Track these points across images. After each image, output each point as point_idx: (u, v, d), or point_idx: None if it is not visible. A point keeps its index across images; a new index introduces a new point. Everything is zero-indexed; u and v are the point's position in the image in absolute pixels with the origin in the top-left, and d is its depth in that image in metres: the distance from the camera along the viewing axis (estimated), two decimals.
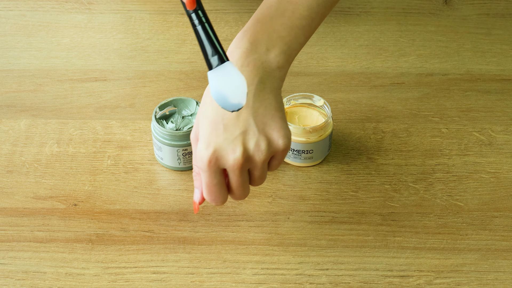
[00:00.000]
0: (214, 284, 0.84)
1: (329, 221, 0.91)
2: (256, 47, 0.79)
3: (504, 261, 0.87)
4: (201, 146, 0.78)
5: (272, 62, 0.79)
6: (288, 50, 0.80)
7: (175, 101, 0.97)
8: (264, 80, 0.78)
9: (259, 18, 0.80)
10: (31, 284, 0.84)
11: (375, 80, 1.09)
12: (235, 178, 0.79)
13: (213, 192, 0.80)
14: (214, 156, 0.78)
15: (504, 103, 1.05)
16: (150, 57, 1.13)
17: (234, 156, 0.77)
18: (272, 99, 0.79)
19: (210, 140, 0.78)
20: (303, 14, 0.80)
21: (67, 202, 0.92)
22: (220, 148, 0.78)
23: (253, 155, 0.78)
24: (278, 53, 0.79)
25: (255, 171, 0.80)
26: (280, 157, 0.80)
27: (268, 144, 0.78)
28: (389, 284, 0.84)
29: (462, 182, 0.95)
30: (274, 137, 0.78)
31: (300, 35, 0.81)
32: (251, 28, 0.79)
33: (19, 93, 1.07)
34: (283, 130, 0.79)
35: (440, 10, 1.21)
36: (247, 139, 0.78)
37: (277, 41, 0.79)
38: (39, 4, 1.22)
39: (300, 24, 0.80)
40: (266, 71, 0.79)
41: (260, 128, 0.78)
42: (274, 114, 0.78)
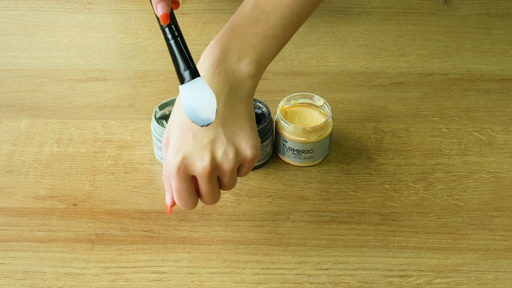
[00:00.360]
0: (214, 284, 0.84)
1: (329, 221, 0.91)
2: (227, 55, 0.79)
3: (504, 260, 0.87)
4: (171, 153, 0.79)
5: (243, 71, 0.79)
6: (260, 59, 0.80)
7: (175, 101, 0.97)
8: (234, 89, 0.79)
9: (232, 27, 0.80)
10: (31, 284, 0.84)
11: (375, 80, 1.09)
12: (204, 185, 0.80)
13: (183, 198, 0.82)
14: (183, 164, 0.79)
15: (504, 103, 1.05)
16: (150, 57, 1.13)
17: (202, 164, 0.78)
18: (242, 108, 0.79)
19: (180, 147, 0.79)
20: (276, 23, 0.80)
21: (67, 202, 0.92)
22: (188, 155, 0.78)
23: (221, 164, 0.79)
24: (249, 62, 0.79)
25: (224, 178, 0.81)
26: (248, 165, 0.81)
27: (236, 154, 0.79)
28: (389, 284, 0.84)
29: (462, 182, 0.95)
30: (242, 147, 0.79)
31: (272, 44, 0.80)
32: (224, 36, 0.80)
33: (19, 93, 1.07)
34: (252, 139, 0.79)
35: (440, 10, 1.21)
36: (216, 147, 0.78)
37: (249, 50, 0.79)
38: (39, 4, 1.22)
39: (273, 33, 0.80)
40: (237, 80, 0.79)
41: (229, 137, 0.79)
42: (243, 124, 0.79)
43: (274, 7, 0.79)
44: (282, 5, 0.80)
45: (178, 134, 0.79)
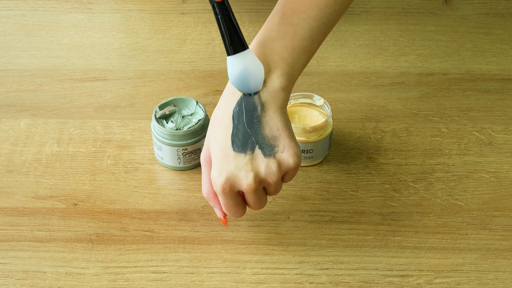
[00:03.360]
0: (214, 283, 0.84)
1: (329, 220, 0.91)
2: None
3: (504, 260, 0.87)
4: (214, 174, 0.80)
5: (275, 83, 0.80)
6: (291, 71, 0.81)
7: (175, 100, 0.97)
8: (269, 102, 0.80)
9: (261, 41, 0.81)
10: (31, 283, 0.84)
11: (375, 80, 1.09)
12: (250, 198, 0.82)
13: (231, 210, 0.83)
14: (228, 184, 0.80)
15: (504, 103, 1.05)
16: (150, 56, 1.13)
17: (247, 182, 0.80)
18: (277, 119, 0.80)
19: (222, 168, 0.80)
20: (304, 35, 0.81)
21: (67, 201, 0.92)
22: (232, 175, 0.80)
23: (266, 178, 0.80)
24: (280, 74, 0.80)
25: (270, 188, 0.82)
26: (292, 173, 0.82)
27: (278, 166, 0.80)
28: (389, 284, 0.84)
29: (462, 181, 0.95)
30: (283, 158, 0.80)
31: (302, 56, 0.81)
32: (253, 51, 0.81)
33: (19, 92, 1.07)
34: (292, 148, 0.80)
35: (440, 10, 1.21)
36: (257, 164, 0.80)
37: (279, 62, 0.80)
38: (39, 4, 1.22)
39: (301, 45, 0.81)
40: (270, 93, 0.80)
41: (269, 151, 0.80)
42: (281, 134, 0.80)
43: (301, 20, 0.81)
44: (309, 17, 0.81)
45: (219, 154, 0.80)
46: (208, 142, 0.82)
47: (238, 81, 0.79)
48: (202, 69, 1.10)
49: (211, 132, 0.82)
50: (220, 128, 0.80)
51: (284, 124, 0.80)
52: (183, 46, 1.14)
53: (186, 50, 1.14)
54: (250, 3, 1.21)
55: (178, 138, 0.93)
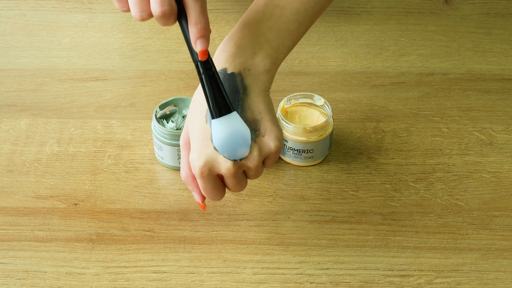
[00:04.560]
0: (214, 283, 0.84)
1: (330, 220, 0.91)
2: (242, 50, 0.78)
3: (505, 260, 0.87)
4: (193, 157, 0.79)
5: (258, 65, 0.79)
6: (275, 54, 0.80)
7: (175, 100, 0.97)
8: (250, 85, 0.78)
9: (246, 23, 0.80)
10: (32, 283, 0.84)
11: (375, 80, 1.09)
12: (230, 181, 0.80)
13: (210, 193, 0.81)
14: (207, 168, 0.78)
15: (505, 103, 1.05)
16: (151, 56, 1.13)
17: (226, 166, 0.78)
18: (259, 102, 0.78)
19: (201, 151, 0.78)
20: (290, 18, 0.80)
21: (67, 201, 0.92)
22: (211, 159, 0.78)
23: (245, 163, 0.79)
24: (264, 56, 0.79)
25: (250, 172, 0.80)
26: (273, 157, 0.80)
27: (258, 149, 0.78)
28: (390, 284, 0.84)
29: (462, 181, 0.95)
30: (264, 141, 0.78)
31: (287, 39, 0.80)
32: (237, 32, 0.79)
33: (20, 92, 1.07)
34: (273, 132, 0.78)
35: (440, 10, 1.21)
36: None
37: (263, 44, 0.79)
38: (39, 4, 1.22)
39: (287, 28, 0.80)
40: (253, 75, 0.78)
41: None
42: (262, 118, 0.78)
43: (288, 2, 0.80)
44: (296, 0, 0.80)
45: (198, 137, 0.78)
46: (187, 125, 0.81)
47: (223, 146, 0.76)
48: None
49: (190, 114, 0.80)
50: (200, 111, 0.79)
51: (266, 108, 0.79)
52: (184, 46, 1.14)
53: (187, 50, 1.14)
54: (250, 3, 1.21)
55: (178, 138, 0.93)
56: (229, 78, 0.78)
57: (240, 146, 0.77)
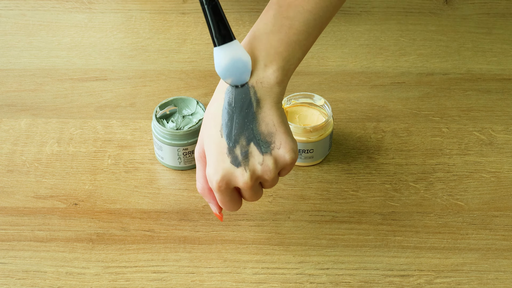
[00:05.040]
0: (214, 283, 0.84)
1: (330, 220, 0.91)
2: (253, 64, 0.79)
3: (505, 260, 0.87)
4: (210, 171, 0.80)
5: (270, 78, 0.79)
6: (286, 65, 0.80)
7: (175, 100, 0.97)
8: (263, 97, 0.79)
9: (256, 35, 0.80)
10: (32, 283, 0.84)
11: (375, 80, 1.09)
12: (247, 193, 0.81)
13: (227, 205, 0.83)
14: (224, 182, 0.79)
15: (505, 103, 1.05)
16: (151, 56, 1.13)
17: (243, 180, 0.79)
18: (273, 115, 0.79)
19: (217, 165, 0.79)
20: (299, 29, 0.80)
21: (67, 201, 0.92)
22: (228, 173, 0.79)
23: (262, 175, 0.80)
24: (276, 69, 0.79)
25: (266, 184, 0.82)
26: (289, 168, 0.81)
27: (275, 162, 0.79)
28: (390, 284, 0.84)
29: (462, 181, 0.95)
30: (280, 154, 0.79)
31: (297, 50, 0.81)
32: (248, 45, 0.80)
33: (20, 92, 1.07)
34: (288, 144, 0.79)
35: (440, 10, 1.21)
36: (253, 161, 0.79)
37: (274, 57, 0.79)
38: (39, 4, 1.22)
39: (297, 39, 0.80)
40: (265, 88, 0.79)
41: (265, 148, 0.79)
42: (277, 130, 0.79)
43: (297, 13, 0.80)
44: (305, 10, 0.80)
45: (214, 151, 0.79)
46: (202, 138, 0.81)
47: (225, 73, 0.78)
48: (203, 69, 1.10)
49: (205, 127, 0.81)
50: (214, 124, 0.80)
51: (280, 120, 0.79)
52: (184, 46, 1.14)
53: (187, 50, 1.14)
54: (251, 3, 1.21)
55: (178, 138, 0.93)
56: (242, 91, 0.79)
57: (242, 71, 0.78)
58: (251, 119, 0.79)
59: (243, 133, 0.79)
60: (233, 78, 0.78)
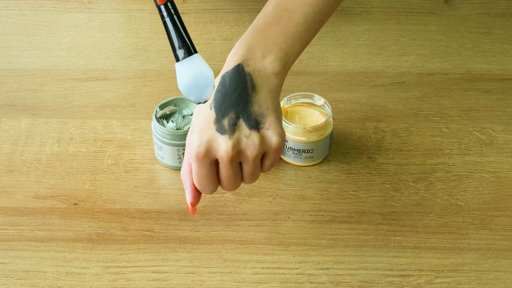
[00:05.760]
0: (214, 283, 0.84)
1: (330, 220, 0.91)
2: (251, 54, 0.79)
3: (505, 260, 0.87)
4: (193, 137, 0.78)
5: (268, 68, 0.79)
6: (285, 57, 0.80)
7: (175, 100, 0.97)
8: (260, 84, 0.79)
9: (256, 27, 0.81)
10: (32, 283, 0.84)
11: (375, 80, 1.09)
12: (225, 169, 0.79)
13: (202, 182, 0.80)
14: (205, 147, 0.77)
15: (505, 103, 1.05)
16: (151, 56, 1.13)
17: (225, 147, 0.77)
18: (268, 100, 0.79)
19: (202, 132, 0.78)
20: (299, 21, 0.80)
21: (67, 201, 0.92)
22: (211, 139, 0.77)
23: (245, 149, 0.78)
24: (273, 59, 0.79)
25: (246, 167, 0.79)
26: (273, 157, 0.79)
27: (261, 140, 0.78)
28: (390, 284, 0.84)
29: (462, 181, 0.95)
30: (268, 134, 0.78)
31: (296, 42, 0.81)
32: (247, 37, 0.80)
33: (20, 92, 1.07)
34: (278, 128, 0.78)
35: (440, 10, 1.21)
36: (239, 132, 0.77)
37: (273, 48, 0.80)
38: (39, 4, 1.22)
39: (296, 31, 0.81)
40: (262, 77, 0.79)
41: (254, 125, 0.78)
42: (269, 113, 0.78)
43: (296, 5, 0.80)
44: (304, 2, 0.80)
45: (200, 121, 0.78)
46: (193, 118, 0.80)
47: (188, 89, 0.76)
48: None
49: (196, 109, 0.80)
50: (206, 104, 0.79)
51: (274, 107, 0.79)
52: None
53: None
54: (250, 3, 1.21)
55: (178, 137, 0.93)
56: (238, 76, 0.78)
57: (205, 88, 0.76)
58: (244, 99, 0.78)
59: (234, 109, 0.77)
60: (195, 96, 0.76)
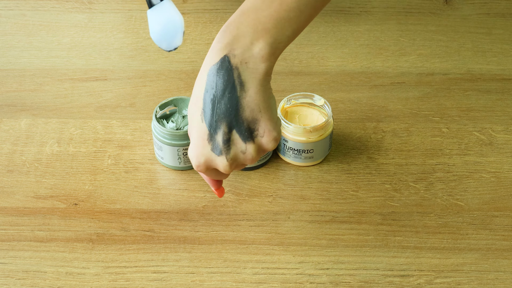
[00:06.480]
0: (214, 283, 0.84)
1: (330, 220, 0.91)
2: (239, 41, 0.75)
3: (505, 260, 0.87)
4: (191, 154, 0.78)
5: (256, 56, 0.75)
6: (274, 43, 0.76)
7: (175, 100, 0.97)
8: (247, 79, 0.75)
9: (244, 10, 0.76)
10: (32, 283, 0.84)
11: (375, 80, 1.09)
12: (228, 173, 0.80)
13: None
14: (204, 167, 0.78)
15: (505, 103, 1.05)
16: (151, 56, 1.13)
17: (223, 166, 0.77)
18: (259, 99, 0.76)
19: (198, 151, 0.77)
20: (291, 5, 0.76)
21: (67, 201, 0.92)
22: (208, 159, 0.78)
23: (243, 161, 0.78)
24: (263, 46, 0.75)
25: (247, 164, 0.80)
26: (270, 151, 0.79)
27: (257, 150, 0.77)
28: (390, 284, 0.84)
29: (462, 181, 0.95)
30: (263, 142, 0.77)
31: (287, 27, 0.76)
32: (234, 21, 0.76)
33: (20, 92, 1.07)
34: (271, 133, 0.77)
35: (440, 10, 1.21)
36: (235, 149, 0.77)
37: (262, 33, 0.75)
38: (39, 4, 1.22)
39: (287, 16, 0.76)
40: (249, 68, 0.75)
41: (248, 135, 0.76)
42: (262, 116, 0.76)
43: None
44: None
45: (195, 135, 0.78)
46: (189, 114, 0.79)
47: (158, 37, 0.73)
48: None
49: (190, 108, 0.78)
50: (196, 108, 0.77)
51: (266, 105, 0.76)
52: (184, 46, 1.14)
53: (187, 50, 1.14)
54: None
55: (178, 138, 0.93)
56: (224, 74, 0.75)
57: (174, 35, 0.74)
58: (234, 105, 0.75)
59: (225, 119, 0.76)
60: (166, 43, 0.74)
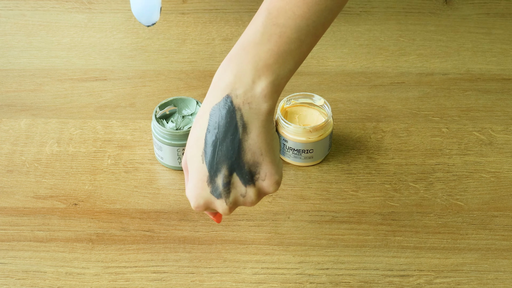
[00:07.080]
0: (214, 283, 0.84)
1: (329, 220, 0.91)
2: (240, 80, 0.73)
3: (504, 260, 0.87)
4: (189, 194, 0.77)
5: (258, 96, 0.73)
6: (276, 79, 0.73)
7: (175, 100, 0.97)
8: (249, 121, 0.73)
9: (245, 45, 0.73)
10: (32, 283, 0.84)
11: (375, 80, 1.09)
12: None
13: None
14: (203, 208, 0.77)
15: (504, 103, 1.05)
16: (150, 56, 1.13)
17: (223, 209, 0.76)
18: (261, 142, 0.74)
19: (197, 192, 0.76)
20: (291, 37, 0.73)
21: (67, 201, 0.92)
22: (207, 201, 0.76)
23: (242, 204, 0.77)
24: (265, 85, 0.73)
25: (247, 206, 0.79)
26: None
27: (257, 193, 0.76)
28: (389, 284, 0.84)
29: (462, 181, 0.95)
30: (264, 186, 0.75)
31: (289, 60, 0.73)
32: (235, 57, 0.73)
33: (19, 92, 1.07)
34: (273, 177, 0.75)
35: (440, 10, 1.21)
36: (235, 192, 0.75)
37: (263, 70, 0.73)
38: (39, 4, 1.22)
39: (288, 48, 0.73)
40: (252, 109, 0.73)
41: (249, 178, 0.75)
42: (263, 160, 0.74)
43: (287, 19, 0.73)
44: (296, 16, 0.73)
45: (195, 175, 0.76)
46: (186, 153, 0.77)
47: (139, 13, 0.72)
48: (202, 69, 1.10)
49: (189, 146, 0.76)
50: (197, 148, 0.75)
51: (268, 148, 0.74)
52: (183, 46, 1.14)
53: (186, 50, 1.14)
54: (250, 3, 1.21)
55: (178, 138, 0.93)
56: (227, 115, 0.73)
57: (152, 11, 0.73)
58: (236, 148, 0.74)
59: (226, 162, 0.74)
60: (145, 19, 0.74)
